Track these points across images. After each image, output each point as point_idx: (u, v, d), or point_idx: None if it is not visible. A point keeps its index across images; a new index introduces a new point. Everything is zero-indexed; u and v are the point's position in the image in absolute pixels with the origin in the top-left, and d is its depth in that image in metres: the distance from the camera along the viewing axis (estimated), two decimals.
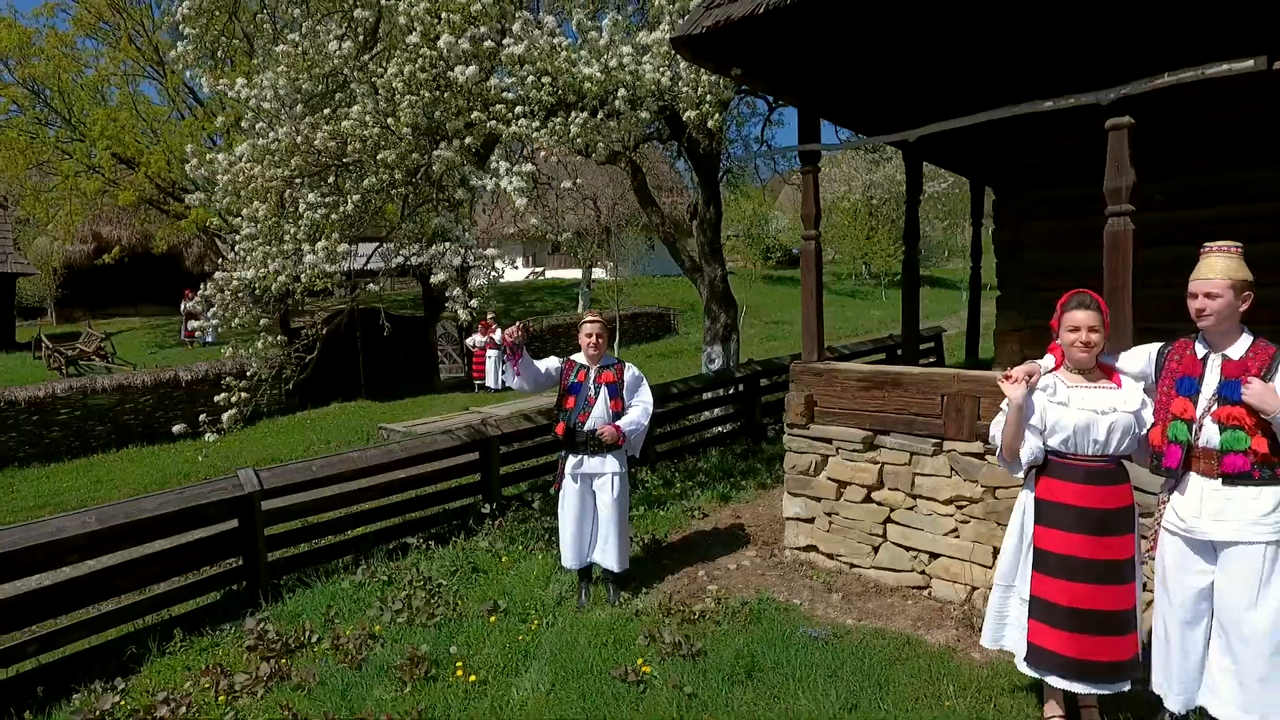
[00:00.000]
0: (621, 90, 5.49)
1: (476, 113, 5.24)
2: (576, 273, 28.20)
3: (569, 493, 4.67)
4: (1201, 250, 2.92)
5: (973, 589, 4.33)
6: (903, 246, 6.06)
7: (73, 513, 4.85)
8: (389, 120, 5.10)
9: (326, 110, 5.07)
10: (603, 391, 4.64)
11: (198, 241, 29.35)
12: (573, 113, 5.45)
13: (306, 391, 15.08)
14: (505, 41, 5.38)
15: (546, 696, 3.62)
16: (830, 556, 4.95)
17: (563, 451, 4.75)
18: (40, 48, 20.77)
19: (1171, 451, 2.83)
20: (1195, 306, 2.86)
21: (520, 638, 4.24)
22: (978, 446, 4.31)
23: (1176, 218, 5.02)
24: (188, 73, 6.17)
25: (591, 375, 4.67)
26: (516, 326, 4.56)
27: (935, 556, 4.49)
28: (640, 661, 3.79)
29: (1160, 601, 2.95)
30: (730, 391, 9.29)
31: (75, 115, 20.68)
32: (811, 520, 5.05)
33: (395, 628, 4.58)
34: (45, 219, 25.01)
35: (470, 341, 17.77)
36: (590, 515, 4.66)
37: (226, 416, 5.94)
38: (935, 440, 4.47)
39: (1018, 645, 3.09)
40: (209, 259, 31.25)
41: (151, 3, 23.40)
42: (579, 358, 4.76)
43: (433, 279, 4.92)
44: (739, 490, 6.81)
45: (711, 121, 5.71)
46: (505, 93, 5.39)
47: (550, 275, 33.10)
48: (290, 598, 5.21)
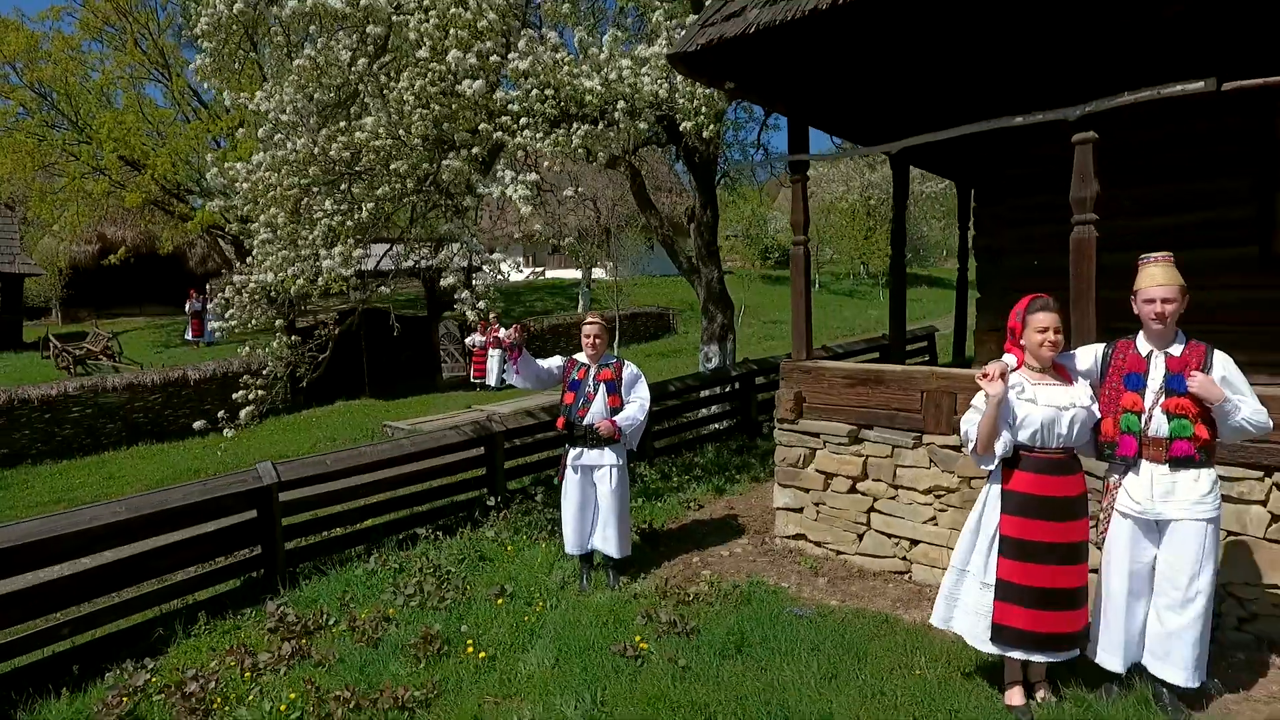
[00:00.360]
0: (621, 102, 5.77)
1: (483, 125, 5.53)
2: (576, 273, 28.47)
3: (570, 483, 4.96)
4: (1142, 260, 3.19)
5: None
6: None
7: (104, 503, 5.13)
8: (400, 132, 5.38)
9: (342, 123, 5.34)
10: (601, 388, 4.93)
11: (201, 242, 29.67)
12: (575, 124, 5.74)
13: (312, 390, 15.31)
14: (510, 56, 5.67)
15: (551, 670, 3.92)
16: (818, 544, 5.24)
17: (565, 445, 5.05)
18: (47, 51, 21.03)
19: (1125, 441, 3.13)
20: (1155, 310, 3.14)
21: (526, 618, 4.53)
22: (955, 439, 4.60)
23: (1147, 224, 5.31)
24: (205, 84, 6.41)
25: (591, 373, 4.96)
26: (516, 327, 4.85)
27: (915, 543, 4.78)
28: (638, 639, 4.08)
29: (1108, 576, 3.24)
30: (726, 390, 9.57)
31: (82, 118, 20.94)
32: (800, 510, 5.34)
33: (408, 610, 4.87)
34: (51, 220, 25.30)
35: (470, 341, 18.08)
36: (591, 504, 4.96)
37: (244, 413, 6.21)
38: (915, 434, 4.76)
39: (968, 628, 3.32)
40: (212, 259, 31.56)
41: (156, 6, 23.67)
42: (580, 356, 5.05)
43: (442, 282, 5.20)
44: (733, 483, 7.11)
45: (707, 132, 6.00)
46: (510, 105, 5.67)
47: (550, 275, 33.36)
48: (307, 584, 5.49)
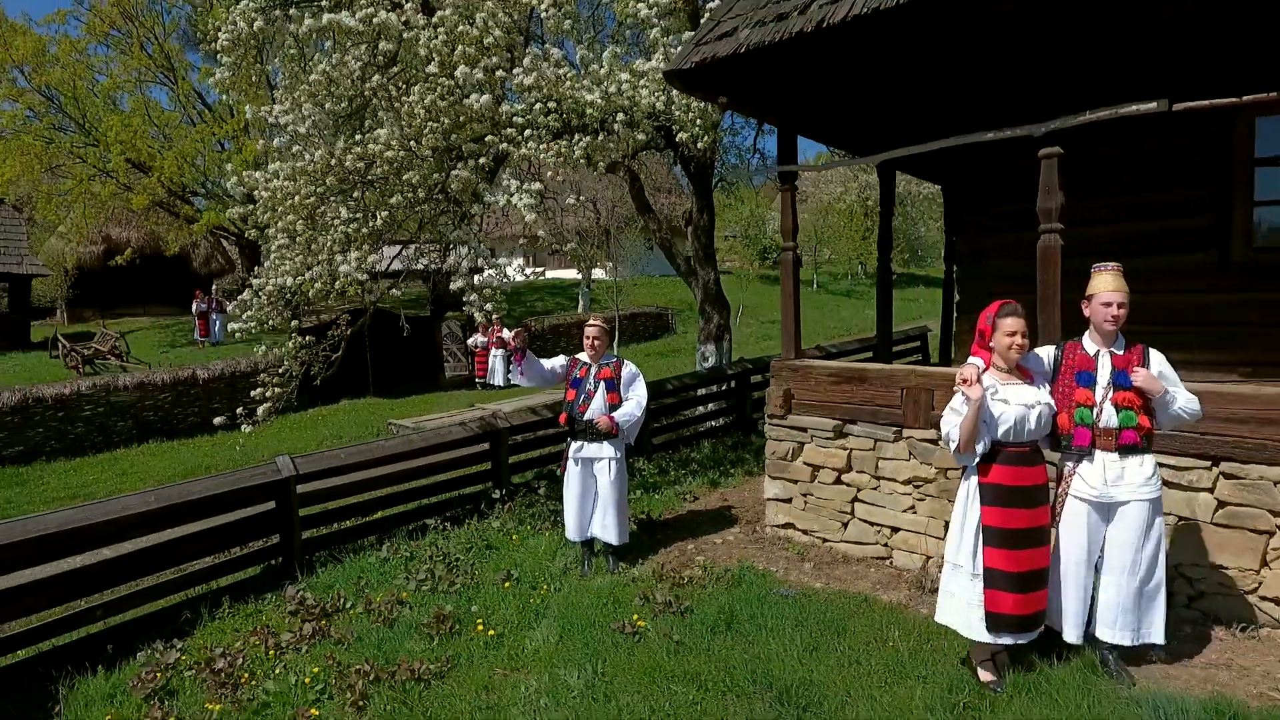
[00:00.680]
0: (621, 114, 6.09)
1: (490, 137, 5.85)
2: (576, 273, 28.78)
3: (572, 475, 5.28)
4: (1096, 268, 3.50)
5: (928, 558, 4.94)
6: (898, 247, 6.66)
7: (135, 493, 5.45)
8: (411, 143, 5.70)
9: (357, 136, 5.66)
10: (602, 386, 5.26)
11: (205, 243, 29.99)
12: (576, 135, 6.06)
13: (317, 389, 15.65)
14: (515, 72, 5.99)
15: (555, 645, 4.24)
16: (805, 532, 5.57)
17: (567, 439, 5.37)
18: (54, 55, 21.33)
19: (1080, 433, 3.46)
20: (1112, 314, 3.47)
21: (532, 600, 4.86)
22: (932, 433, 4.92)
23: (1115, 231, 5.63)
24: (224, 96, 6.73)
25: (592, 371, 5.28)
26: (518, 331, 5.17)
27: (896, 530, 5.11)
28: (636, 617, 4.40)
29: (1066, 556, 3.55)
30: (723, 388, 9.90)
31: (89, 121, 21.24)
32: (789, 500, 5.66)
33: (420, 594, 5.19)
34: (57, 221, 25.63)
35: (473, 341, 18.43)
36: (591, 494, 5.28)
37: (262, 409, 6.54)
38: (896, 428, 5.08)
39: (962, 620, 3.52)
40: (216, 260, 31.91)
41: (162, 10, 23.96)
42: (582, 356, 5.37)
43: (452, 285, 5.51)
44: (728, 477, 7.43)
45: (701, 143, 6.32)
46: (515, 117, 5.99)
47: (550, 275, 33.64)
48: (323, 571, 5.81)
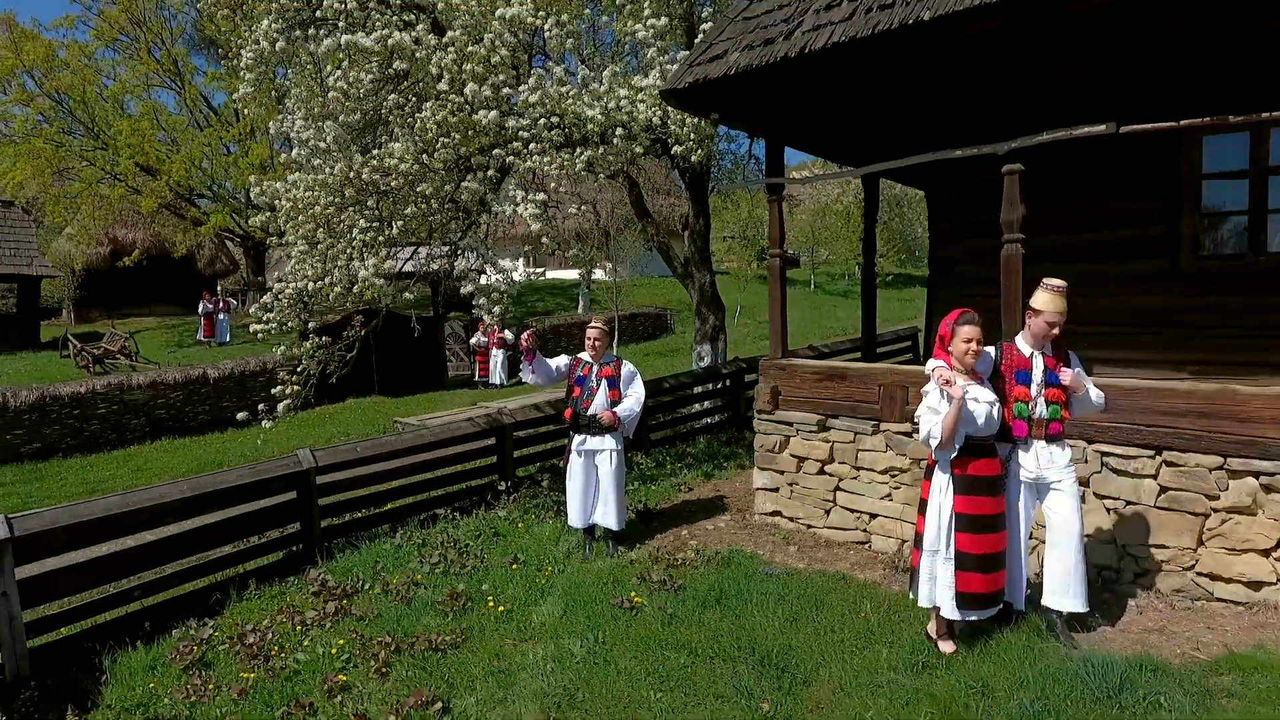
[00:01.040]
0: (620, 129, 6.50)
1: (497, 150, 6.25)
2: (576, 274, 29.17)
3: (575, 465, 5.69)
4: (1048, 286, 3.89)
5: (903, 541, 5.35)
6: (893, 247, 7.04)
7: (170, 482, 5.87)
8: (424, 157, 6.11)
9: (375, 151, 6.07)
10: (603, 384, 5.67)
11: (209, 245, 30.37)
12: (578, 149, 6.47)
13: (324, 388, 16.08)
14: (521, 89, 6.40)
15: (560, 619, 4.65)
16: (791, 519, 5.98)
17: (570, 433, 5.78)
18: (64, 60, 21.71)
19: (1019, 425, 3.89)
20: (1055, 330, 3.94)
21: (537, 580, 5.27)
22: (907, 426, 5.33)
23: (1079, 239, 6.05)
24: (245, 110, 7.14)
25: (594, 370, 5.69)
26: (529, 334, 5.58)
27: (874, 516, 5.52)
28: (633, 594, 4.82)
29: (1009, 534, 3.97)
30: (718, 386, 10.31)
31: (98, 124, 21.63)
32: (776, 490, 6.08)
33: (434, 576, 5.60)
34: (64, 223, 26.03)
35: (474, 341, 18.87)
36: (593, 484, 5.69)
37: (282, 406, 6.94)
38: (874, 422, 5.50)
39: (941, 600, 3.90)
40: (220, 261, 32.30)
41: (168, 15, 24.34)
42: (584, 355, 5.78)
43: (463, 290, 5.92)
44: (721, 470, 7.85)
45: (695, 157, 6.73)
46: (521, 132, 6.40)
47: (551, 275, 34.03)
48: (341, 557, 6.22)
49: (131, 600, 5.51)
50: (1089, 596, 3.86)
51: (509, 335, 17.91)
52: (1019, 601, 3.96)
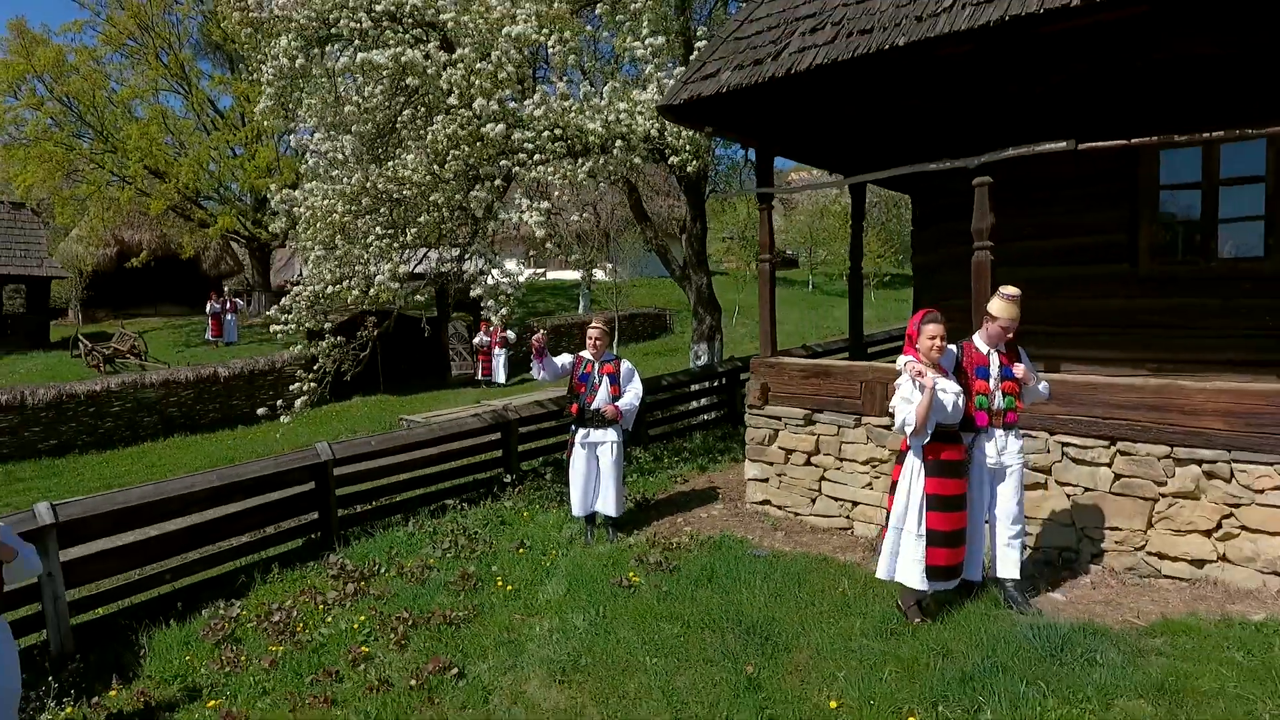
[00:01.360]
0: (619, 141, 6.90)
1: (504, 161, 6.66)
2: (576, 274, 29.54)
3: (578, 457, 6.09)
4: (1005, 294, 4.29)
5: (882, 527, 5.73)
6: (890, 248, 7.39)
7: (200, 472, 6.26)
8: (436, 168, 6.51)
9: (390, 163, 6.46)
10: (604, 380, 6.07)
11: (214, 246, 30.75)
12: (580, 159, 6.86)
13: (331, 387, 16.48)
14: (526, 104, 6.80)
15: (564, 596, 5.05)
16: (780, 507, 6.38)
17: (573, 427, 6.18)
18: (74, 64, 22.09)
19: (980, 415, 4.29)
20: (1006, 335, 4.34)
21: (542, 563, 5.67)
22: (887, 420, 5.72)
23: (1049, 245, 6.44)
24: (266, 121, 7.54)
25: (596, 368, 6.10)
26: (540, 335, 5.98)
27: (856, 504, 5.92)
28: (631, 574, 5.22)
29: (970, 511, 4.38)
30: (714, 384, 10.71)
31: (107, 128, 22.02)
32: (766, 480, 6.48)
33: (446, 560, 6.00)
34: (72, 224, 26.44)
35: (477, 341, 19.25)
36: (594, 474, 6.09)
37: (299, 403, 7.34)
38: (856, 416, 5.90)
39: (908, 576, 4.30)
40: (225, 262, 32.69)
41: (176, 20, 24.73)
42: (586, 353, 6.18)
43: (473, 292, 6.32)
44: (716, 463, 8.25)
45: (690, 168, 7.13)
46: (526, 143, 6.79)
47: (552, 276, 34.41)
48: (357, 543, 6.61)
49: (163, 583, 5.90)
50: (1023, 568, 4.29)
51: (510, 335, 18.37)
52: (977, 575, 4.37)
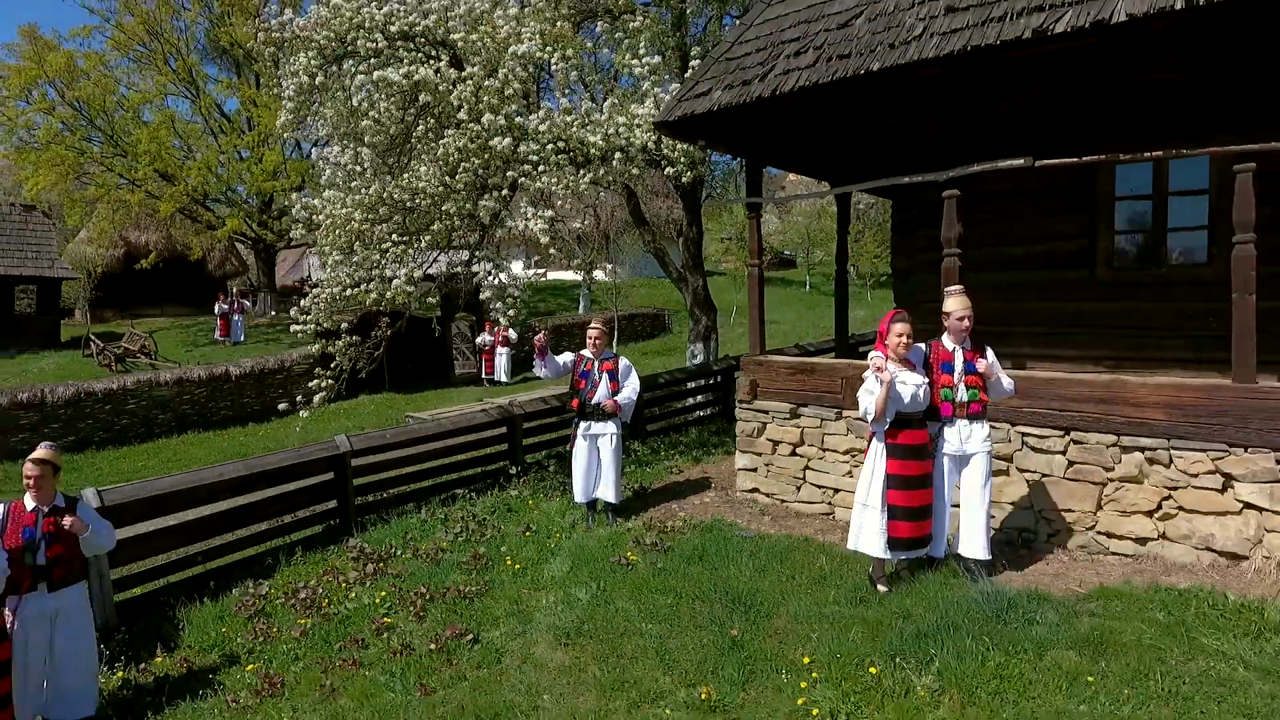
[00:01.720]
0: (619, 153, 7.38)
1: (510, 172, 7.13)
2: (577, 274, 30.01)
3: (580, 448, 6.56)
4: (949, 291, 4.77)
5: None
6: (887, 248, 7.80)
7: (228, 462, 6.74)
8: (447, 179, 6.99)
9: (405, 175, 6.94)
10: (604, 377, 6.54)
11: (219, 247, 31.23)
12: (582, 170, 7.34)
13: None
14: (531, 118, 7.27)
15: (567, 573, 5.53)
16: (768, 495, 6.86)
17: (575, 420, 6.66)
18: (84, 69, 22.55)
19: (945, 406, 4.77)
20: (962, 326, 4.79)
21: (547, 545, 6.15)
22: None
23: (1017, 251, 6.92)
24: (285, 134, 8.01)
25: (596, 365, 6.57)
26: (543, 334, 6.46)
27: (837, 491, 6.39)
28: (629, 553, 5.69)
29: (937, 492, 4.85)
30: (709, 382, 11.19)
31: (117, 132, 22.48)
32: (755, 470, 6.95)
33: (457, 543, 6.47)
34: (80, 226, 26.92)
35: (480, 341, 19.83)
36: (595, 464, 6.56)
37: (318, 398, 7.82)
38: (837, 409, 6.37)
39: (869, 545, 4.81)
40: (230, 263, 33.16)
41: (182, 26, 25.19)
42: (586, 352, 6.66)
43: (482, 294, 6.80)
44: (710, 455, 8.73)
45: (685, 178, 7.60)
46: (531, 155, 7.27)
47: (552, 276, 34.83)
48: (373, 529, 7.08)
49: (196, 564, 6.38)
50: (991, 548, 4.74)
51: (512, 335, 18.86)
52: (939, 551, 4.84)
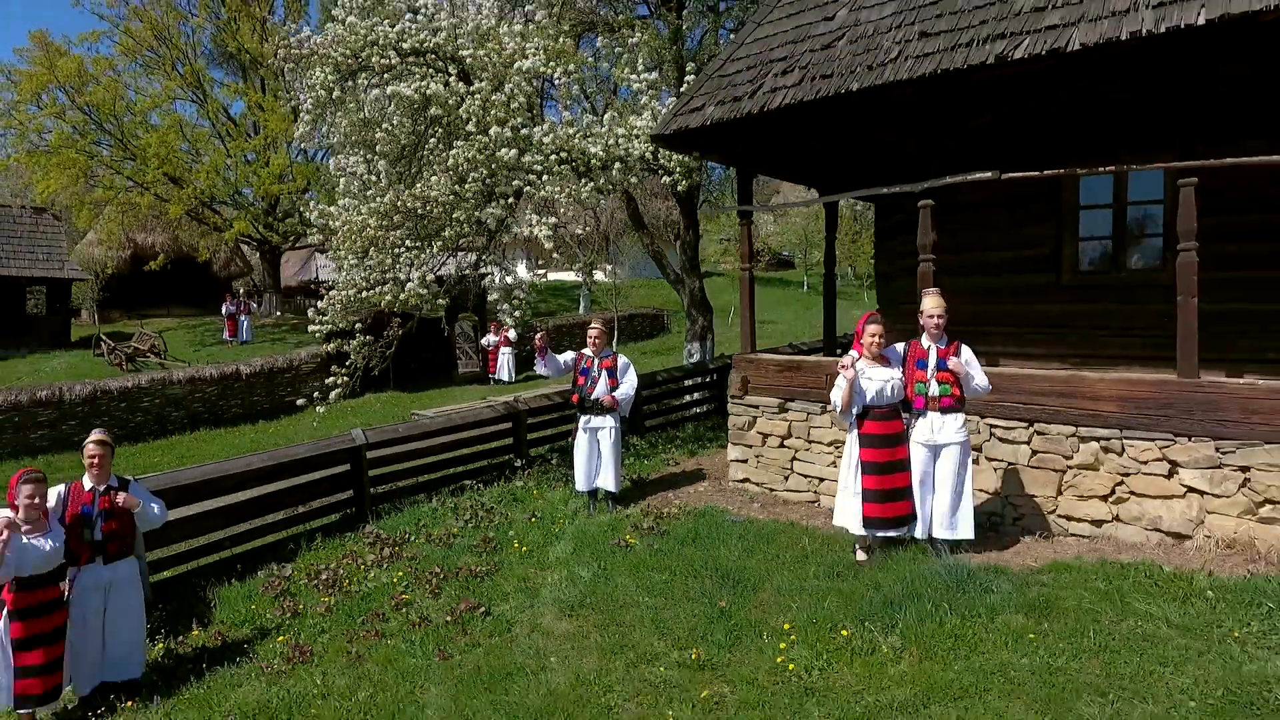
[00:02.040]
0: (618, 164, 7.83)
1: (516, 182, 7.59)
2: (577, 275, 30.46)
3: (581, 440, 7.02)
4: (924, 292, 5.23)
5: None
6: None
7: (253, 454, 7.19)
8: (457, 188, 7.44)
9: (418, 185, 7.39)
10: (603, 374, 7.00)
11: (224, 249, 31.67)
12: (584, 179, 7.80)
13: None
14: (535, 130, 7.73)
15: (570, 555, 5.98)
16: (758, 484, 7.31)
17: (576, 414, 7.11)
18: (93, 74, 22.99)
19: (918, 400, 5.22)
20: (936, 323, 5.23)
21: (552, 530, 6.61)
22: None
23: (990, 257, 7.37)
24: (304, 145, 8.48)
25: (596, 363, 7.03)
26: (543, 334, 6.91)
27: (822, 480, 6.85)
28: (628, 537, 6.15)
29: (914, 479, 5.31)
30: (705, 380, 11.65)
31: (126, 136, 22.93)
32: (746, 461, 7.41)
33: (467, 529, 6.93)
34: (88, 227, 27.37)
35: (485, 341, 20.36)
36: (595, 455, 7.01)
37: (334, 394, 8.27)
38: (822, 404, 6.82)
39: (848, 523, 5.33)
40: (234, 264, 33.61)
41: (189, 31, 25.65)
42: (586, 350, 7.11)
43: (490, 296, 7.25)
44: (704, 449, 9.19)
45: (681, 186, 8.06)
46: (535, 165, 7.72)
47: (553, 277, 35.26)
48: (387, 517, 7.53)
49: (223, 548, 6.83)
50: (974, 530, 5.19)
51: (512, 335, 19.31)
52: (916, 532, 5.30)
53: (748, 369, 7.40)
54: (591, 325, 7.15)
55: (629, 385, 7.03)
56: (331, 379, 8.29)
